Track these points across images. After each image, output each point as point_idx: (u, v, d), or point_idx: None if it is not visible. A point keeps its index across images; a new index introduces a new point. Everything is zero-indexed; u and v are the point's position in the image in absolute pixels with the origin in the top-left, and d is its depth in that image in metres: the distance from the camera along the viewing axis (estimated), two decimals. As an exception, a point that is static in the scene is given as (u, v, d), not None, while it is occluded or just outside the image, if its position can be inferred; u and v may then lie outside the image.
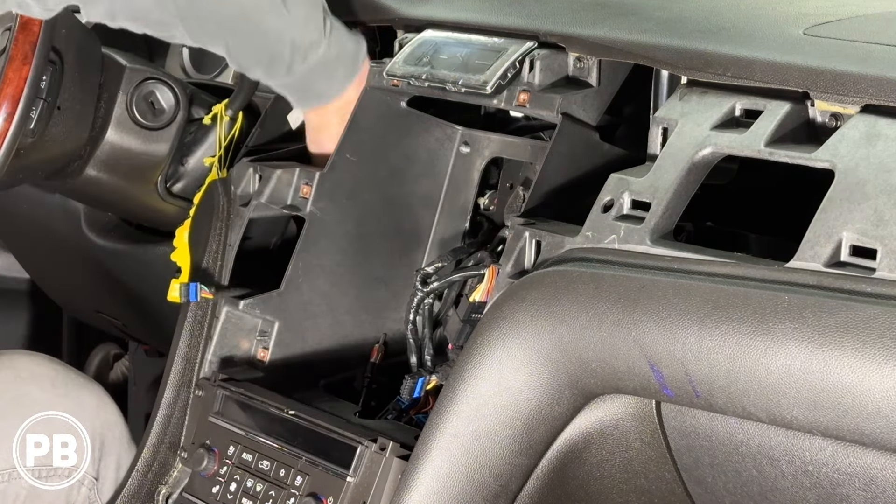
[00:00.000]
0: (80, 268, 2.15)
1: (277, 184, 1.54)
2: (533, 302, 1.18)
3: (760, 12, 1.39)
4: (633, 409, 1.22)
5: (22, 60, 1.44)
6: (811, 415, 1.02)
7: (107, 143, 1.74)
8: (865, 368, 0.97)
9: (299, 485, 1.33)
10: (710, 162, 1.17)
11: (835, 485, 1.12)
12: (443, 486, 1.21)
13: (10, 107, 1.44)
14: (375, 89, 1.49)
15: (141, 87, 1.75)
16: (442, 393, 1.23)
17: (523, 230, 1.26)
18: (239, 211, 1.56)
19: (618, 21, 1.34)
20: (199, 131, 1.78)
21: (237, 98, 1.75)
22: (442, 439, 1.21)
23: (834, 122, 1.13)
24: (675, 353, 1.08)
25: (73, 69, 1.63)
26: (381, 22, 1.56)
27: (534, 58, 1.34)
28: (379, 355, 1.48)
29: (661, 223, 1.16)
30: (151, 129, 1.76)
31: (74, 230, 2.06)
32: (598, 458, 1.25)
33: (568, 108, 1.33)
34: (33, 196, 2.05)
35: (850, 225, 1.04)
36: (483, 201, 1.50)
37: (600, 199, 1.21)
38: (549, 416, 1.20)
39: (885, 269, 1.01)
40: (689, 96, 1.22)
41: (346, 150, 1.50)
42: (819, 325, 1.00)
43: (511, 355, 1.19)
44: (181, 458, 1.46)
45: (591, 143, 1.35)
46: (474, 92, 1.35)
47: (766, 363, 1.02)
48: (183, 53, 2.18)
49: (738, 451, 1.17)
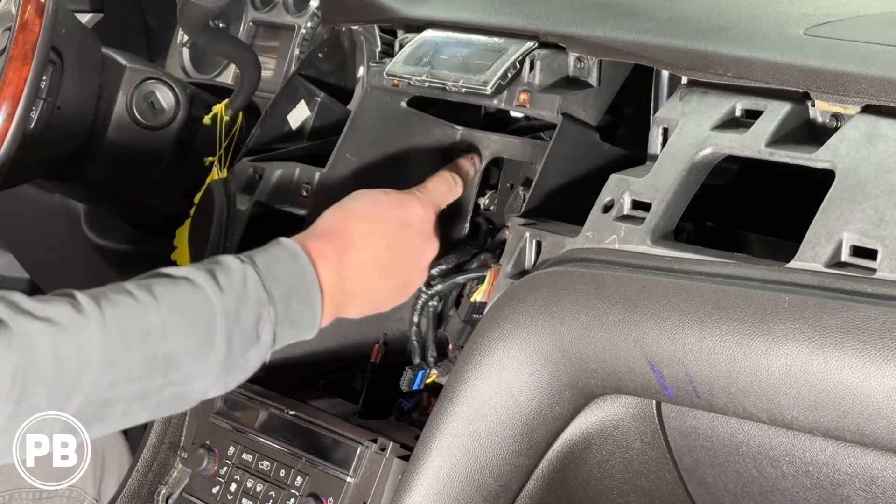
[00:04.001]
0: (80, 268, 2.15)
1: (277, 184, 1.54)
2: (533, 302, 1.18)
3: (761, 12, 1.39)
4: (633, 410, 1.22)
5: (22, 60, 1.44)
6: (812, 415, 1.02)
7: (107, 143, 1.74)
8: (866, 369, 0.97)
9: (299, 485, 1.33)
10: (710, 162, 1.17)
11: (835, 485, 1.12)
12: (443, 486, 1.21)
13: (10, 107, 1.43)
14: (375, 89, 1.49)
15: (141, 87, 1.75)
16: (442, 393, 1.23)
17: (523, 230, 1.26)
18: (239, 211, 1.56)
19: (618, 21, 1.34)
20: (199, 131, 1.78)
21: (237, 98, 1.75)
22: (442, 440, 1.21)
23: (834, 123, 1.13)
24: (676, 354, 1.08)
25: (73, 69, 1.63)
26: (381, 22, 1.56)
27: (534, 58, 1.34)
28: (379, 355, 1.48)
29: (661, 223, 1.16)
30: (151, 129, 1.76)
31: (74, 230, 2.06)
32: (599, 458, 1.25)
33: (568, 108, 1.33)
34: (33, 196, 2.05)
35: (851, 225, 1.04)
36: (483, 201, 1.50)
37: (601, 200, 1.21)
38: (549, 416, 1.20)
39: (886, 270, 1.01)
40: (690, 96, 1.22)
41: (346, 150, 1.50)
42: (820, 326, 1.00)
43: (511, 356, 1.19)
44: (181, 459, 1.46)
45: (592, 144, 1.35)
46: (474, 92, 1.35)
47: (766, 363, 1.02)
48: (183, 53, 2.18)
49: (739, 451, 1.17)
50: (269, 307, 1.16)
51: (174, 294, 1.11)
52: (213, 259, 1.17)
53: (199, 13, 1.60)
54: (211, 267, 1.15)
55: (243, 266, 1.16)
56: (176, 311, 1.10)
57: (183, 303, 1.11)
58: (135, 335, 1.07)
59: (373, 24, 1.59)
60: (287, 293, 1.18)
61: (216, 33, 1.76)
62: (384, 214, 1.27)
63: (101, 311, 1.06)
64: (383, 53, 1.59)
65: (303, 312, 1.20)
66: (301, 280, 1.19)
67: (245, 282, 1.15)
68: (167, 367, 1.10)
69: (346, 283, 1.23)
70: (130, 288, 1.10)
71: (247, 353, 1.15)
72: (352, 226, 1.25)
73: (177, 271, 1.14)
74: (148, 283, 1.11)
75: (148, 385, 1.09)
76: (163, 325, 1.09)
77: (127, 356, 1.07)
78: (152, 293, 1.10)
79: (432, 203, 1.32)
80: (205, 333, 1.12)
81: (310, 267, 1.20)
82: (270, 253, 1.20)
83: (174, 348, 1.10)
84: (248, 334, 1.15)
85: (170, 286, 1.12)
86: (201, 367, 1.12)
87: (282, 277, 1.18)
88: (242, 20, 2.14)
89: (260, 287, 1.15)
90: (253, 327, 1.15)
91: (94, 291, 1.08)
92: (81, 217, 2.05)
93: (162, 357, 1.09)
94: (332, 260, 1.22)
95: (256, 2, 2.14)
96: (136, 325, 1.08)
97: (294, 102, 1.67)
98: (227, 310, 1.13)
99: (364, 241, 1.25)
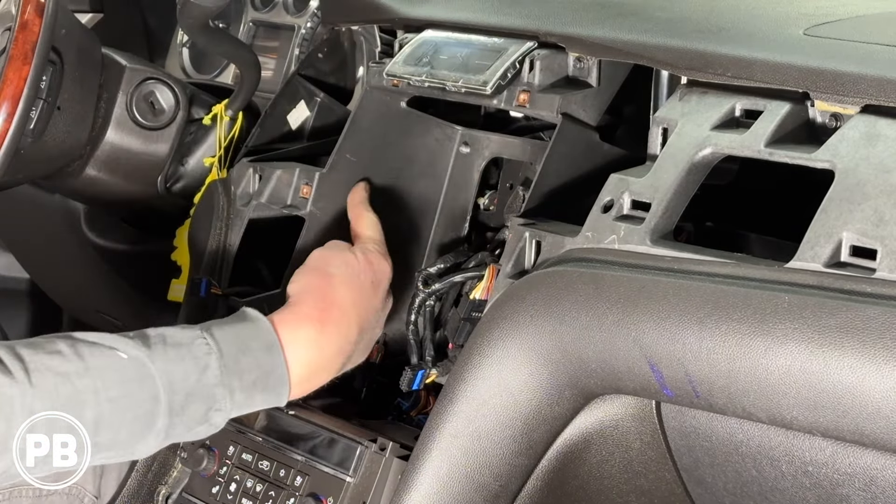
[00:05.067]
0: (80, 268, 2.15)
1: (277, 184, 1.54)
2: (533, 302, 1.18)
3: (760, 12, 1.39)
4: (633, 410, 1.22)
5: (22, 60, 1.44)
6: (811, 415, 1.02)
7: (107, 143, 1.74)
8: (865, 369, 0.97)
9: (299, 485, 1.33)
10: (710, 162, 1.17)
11: (835, 485, 1.12)
12: (442, 486, 1.21)
13: (10, 107, 1.43)
14: (375, 89, 1.49)
15: (141, 87, 1.75)
16: (442, 393, 1.23)
17: (523, 230, 1.26)
18: (239, 211, 1.56)
19: (618, 21, 1.34)
20: (199, 131, 1.78)
21: (237, 98, 1.75)
22: (442, 439, 1.21)
23: (834, 123, 1.13)
24: (675, 354, 1.08)
25: (73, 69, 1.63)
26: (381, 22, 1.56)
27: (534, 58, 1.34)
28: (379, 355, 1.48)
29: (661, 223, 1.16)
30: (151, 129, 1.76)
31: (74, 230, 2.06)
32: (598, 458, 1.25)
33: (568, 108, 1.33)
34: (33, 196, 2.05)
35: (851, 225, 1.04)
36: (483, 201, 1.50)
37: (600, 200, 1.21)
38: (548, 416, 1.20)
39: (886, 270, 1.01)
40: (689, 96, 1.22)
41: (346, 150, 1.50)
42: (819, 326, 1.00)
43: (511, 356, 1.19)
44: (181, 458, 1.46)
45: (591, 144, 1.35)
46: (474, 92, 1.35)
47: (766, 363, 1.02)
48: (183, 53, 2.18)
49: (738, 451, 1.17)
50: (226, 399, 1.14)
51: (118, 385, 1.09)
52: (175, 336, 1.13)
53: (199, 13, 1.60)
54: (168, 349, 1.12)
55: (207, 356, 1.13)
56: (115, 404, 1.08)
57: (126, 396, 1.09)
58: (63, 429, 1.07)
59: (373, 24, 1.59)
60: (250, 385, 1.16)
61: (216, 33, 1.76)
62: (362, 278, 1.28)
63: (32, 401, 1.05)
64: (383, 53, 1.59)
65: (266, 400, 1.19)
66: (269, 375, 1.17)
67: (204, 373, 1.13)
68: (96, 451, 1.09)
69: (330, 361, 1.23)
70: (70, 369, 1.07)
71: (192, 431, 1.15)
72: (339, 297, 1.25)
73: (129, 349, 1.10)
74: (92, 366, 1.08)
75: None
76: (97, 420, 1.08)
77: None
78: (93, 379, 1.08)
79: (386, 251, 1.34)
80: (143, 425, 1.11)
81: (282, 363, 1.18)
82: (241, 339, 1.16)
83: (105, 439, 1.09)
84: (196, 421, 1.14)
85: (115, 371, 1.09)
86: (133, 450, 1.12)
87: (248, 371, 1.15)
88: (242, 20, 2.14)
89: (219, 382, 1.13)
90: (202, 416, 1.14)
91: (30, 368, 1.05)
92: (81, 217, 2.05)
93: (90, 444, 1.09)
94: (321, 343, 1.22)
95: (256, 2, 2.14)
96: (66, 420, 1.07)
97: (294, 102, 1.67)
98: (174, 406, 1.11)
99: (351, 310, 1.25)
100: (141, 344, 1.12)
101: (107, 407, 1.08)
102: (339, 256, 1.28)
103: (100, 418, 1.07)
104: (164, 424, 1.11)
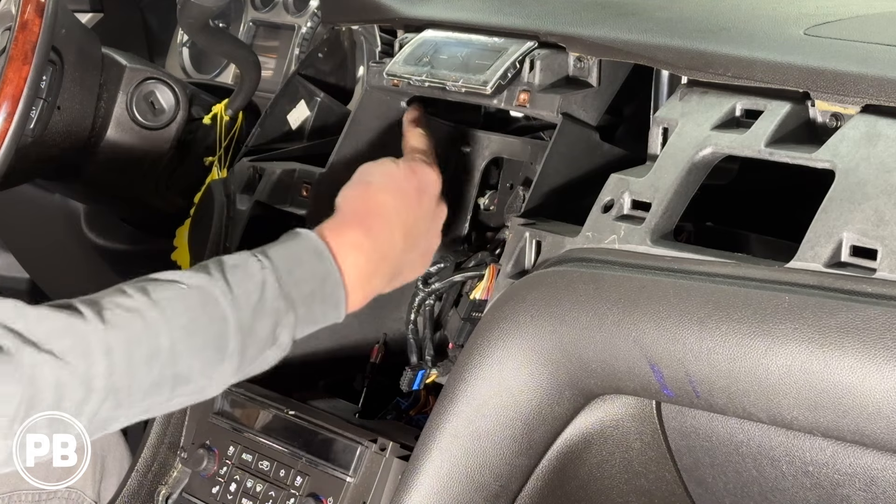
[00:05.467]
0: (80, 268, 2.15)
1: (277, 184, 1.54)
2: (533, 302, 1.18)
3: (761, 12, 1.39)
4: (633, 410, 1.22)
5: (22, 60, 1.43)
6: (811, 415, 1.02)
7: (107, 142, 1.74)
8: (866, 369, 0.97)
9: (299, 485, 1.33)
10: (710, 162, 1.17)
11: (835, 485, 1.12)
12: (443, 486, 1.21)
13: (10, 107, 1.43)
14: (375, 89, 1.49)
15: (141, 87, 1.75)
16: (442, 393, 1.23)
17: (523, 230, 1.26)
18: (239, 211, 1.56)
19: (618, 21, 1.34)
20: (199, 131, 1.78)
21: (237, 98, 1.75)
22: (442, 439, 1.21)
23: (834, 123, 1.13)
24: (676, 354, 1.08)
25: (73, 69, 1.64)
26: (381, 22, 1.56)
27: (534, 58, 1.34)
28: (379, 355, 1.48)
29: (661, 223, 1.16)
30: (151, 129, 1.76)
31: (74, 230, 2.07)
32: (599, 458, 1.25)
33: (568, 108, 1.33)
34: (33, 196, 2.05)
35: (851, 225, 1.04)
36: (483, 201, 1.50)
37: (600, 200, 1.21)
38: (549, 416, 1.20)
39: (886, 270, 1.01)
40: (690, 96, 1.22)
41: (346, 150, 1.50)
42: (819, 326, 1.00)
43: (511, 356, 1.19)
44: (181, 459, 1.46)
45: (591, 143, 1.35)
46: (474, 92, 1.35)
47: (766, 364, 1.02)
48: (183, 53, 2.19)
49: (739, 451, 1.17)
50: (289, 313, 1.14)
51: (186, 311, 1.09)
52: (230, 261, 1.14)
53: (199, 13, 1.60)
54: (227, 272, 1.13)
55: (262, 271, 1.13)
56: (187, 330, 1.09)
57: (195, 320, 1.09)
58: (142, 360, 1.06)
59: (373, 24, 1.59)
60: (309, 297, 1.16)
61: (216, 33, 1.76)
62: (404, 185, 1.26)
63: (106, 337, 1.04)
64: (383, 53, 1.59)
65: (325, 312, 1.18)
66: (324, 282, 1.17)
67: (263, 289, 1.13)
68: (175, 384, 1.09)
69: (379, 266, 1.22)
70: (139, 305, 1.07)
71: (263, 354, 1.14)
72: (379, 204, 1.23)
73: (190, 279, 1.11)
74: (158, 299, 1.08)
75: (154, 401, 1.09)
76: (172, 347, 1.08)
77: (132, 381, 1.06)
78: (162, 310, 1.08)
79: (434, 162, 1.32)
80: (216, 350, 1.10)
81: (334, 268, 1.18)
82: (292, 252, 1.17)
83: (184, 368, 1.09)
84: (265, 341, 1.13)
85: (181, 300, 1.10)
86: (211, 379, 1.11)
87: (303, 281, 1.16)
88: (242, 20, 2.14)
89: (279, 295, 1.13)
90: (270, 333, 1.13)
91: (101, 307, 1.06)
92: (81, 217, 2.05)
93: (170, 377, 1.08)
94: (366, 247, 1.20)
95: (256, 2, 2.14)
96: (144, 349, 1.06)
97: (294, 102, 1.67)
98: (242, 324, 1.11)
99: (394, 217, 1.23)
100: (201, 272, 1.13)
101: (179, 334, 1.08)
102: (379, 167, 1.28)
103: (174, 346, 1.08)
104: (236, 346, 1.11)
